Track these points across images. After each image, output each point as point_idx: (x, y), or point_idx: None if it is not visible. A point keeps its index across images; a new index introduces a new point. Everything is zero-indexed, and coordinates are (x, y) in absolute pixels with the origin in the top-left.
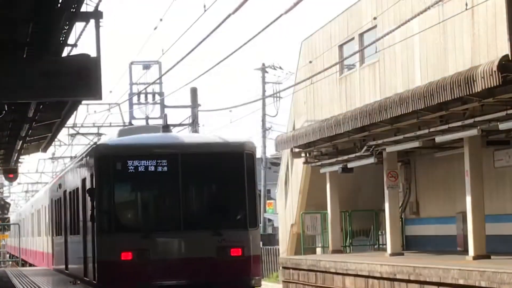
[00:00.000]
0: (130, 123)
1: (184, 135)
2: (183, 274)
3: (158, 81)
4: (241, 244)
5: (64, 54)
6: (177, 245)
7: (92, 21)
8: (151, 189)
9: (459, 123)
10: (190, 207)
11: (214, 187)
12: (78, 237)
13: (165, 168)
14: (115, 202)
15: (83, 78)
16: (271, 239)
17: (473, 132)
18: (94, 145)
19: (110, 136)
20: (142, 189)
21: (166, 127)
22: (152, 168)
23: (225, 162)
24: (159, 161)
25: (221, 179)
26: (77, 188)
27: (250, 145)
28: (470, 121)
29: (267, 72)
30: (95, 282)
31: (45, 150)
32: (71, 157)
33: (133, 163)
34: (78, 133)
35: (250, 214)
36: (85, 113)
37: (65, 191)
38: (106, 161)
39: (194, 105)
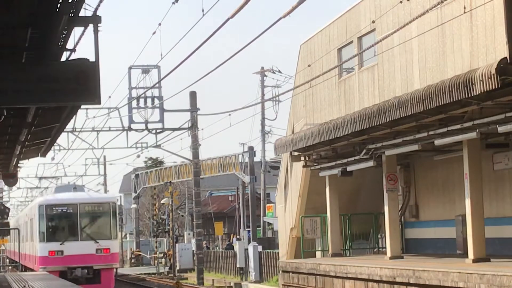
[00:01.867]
0: (130, 128)
1: (82, 193)
2: (80, 261)
3: (157, 85)
4: (108, 247)
5: (63, 58)
6: (77, 248)
7: (90, 26)
8: (64, 221)
9: (458, 126)
10: (84, 229)
11: (96, 219)
12: (32, 243)
13: (71, 210)
14: (46, 227)
15: (82, 83)
16: (270, 242)
17: (472, 135)
18: (39, 198)
19: (58, 189)
20: (59, 220)
21: (75, 188)
22: (65, 210)
23: (101, 207)
24: (68, 207)
25: (99, 215)
26: (33, 218)
27: (115, 199)
28: (469, 124)
29: (266, 75)
30: (38, 266)
31: (44, 154)
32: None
33: (55, 208)
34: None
35: (112, 232)
36: (85, 118)
37: (29, 218)
38: (42, 207)
39: (193, 109)
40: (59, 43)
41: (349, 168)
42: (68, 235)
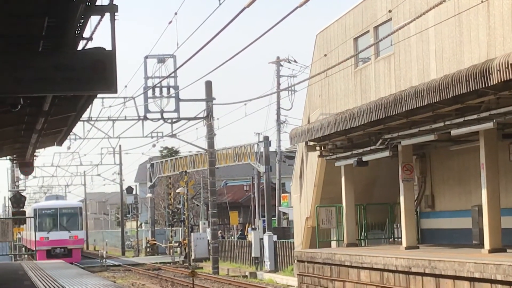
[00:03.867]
0: (145, 117)
1: (61, 201)
2: (59, 244)
3: (173, 74)
4: (77, 235)
5: (79, 47)
6: (58, 235)
7: (107, 15)
8: (50, 218)
9: (474, 116)
10: (62, 224)
11: (69, 217)
12: (31, 232)
13: (53, 212)
14: (39, 222)
15: (99, 72)
16: (285, 232)
17: (489, 125)
18: (35, 204)
19: (47, 198)
20: (46, 218)
21: (57, 198)
22: (49, 212)
23: (72, 210)
24: (51, 210)
25: (71, 215)
26: (31, 216)
27: (81, 204)
28: (486, 114)
29: (281, 65)
30: (33, 247)
31: (60, 143)
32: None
33: (44, 211)
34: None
35: (79, 225)
36: (100, 107)
37: (29, 215)
38: (36, 210)
39: (209, 98)
40: (76, 32)
41: (364, 158)
42: (52, 227)
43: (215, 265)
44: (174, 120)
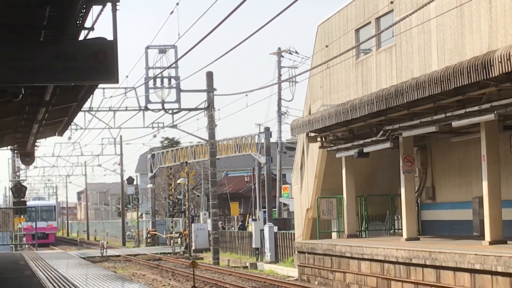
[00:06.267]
0: (146, 108)
1: (43, 201)
2: (40, 230)
3: (174, 65)
4: (52, 224)
5: (81, 37)
6: (39, 224)
7: (109, 4)
8: (34, 213)
9: (475, 108)
10: (42, 217)
11: (48, 212)
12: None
13: (36, 209)
14: (31, 215)
15: (100, 62)
16: (286, 223)
17: (490, 116)
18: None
19: (33, 199)
20: (32, 213)
21: (38, 199)
22: (34, 209)
23: (49, 207)
24: (35, 207)
25: (49, 211)
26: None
27: (55, 203)
28: (487, 105)
29: (283, 56)
30: (24, 232)
31: (61, 133)
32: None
33: (30, 208)
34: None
35: (55, 217)
36: (101, 97)
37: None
38: (29, 206)
39: (210, 89)
40: (77, 22)
41: (365, 150)
42: (35, 219)
43: (215, 256)
44: (175, 111)
